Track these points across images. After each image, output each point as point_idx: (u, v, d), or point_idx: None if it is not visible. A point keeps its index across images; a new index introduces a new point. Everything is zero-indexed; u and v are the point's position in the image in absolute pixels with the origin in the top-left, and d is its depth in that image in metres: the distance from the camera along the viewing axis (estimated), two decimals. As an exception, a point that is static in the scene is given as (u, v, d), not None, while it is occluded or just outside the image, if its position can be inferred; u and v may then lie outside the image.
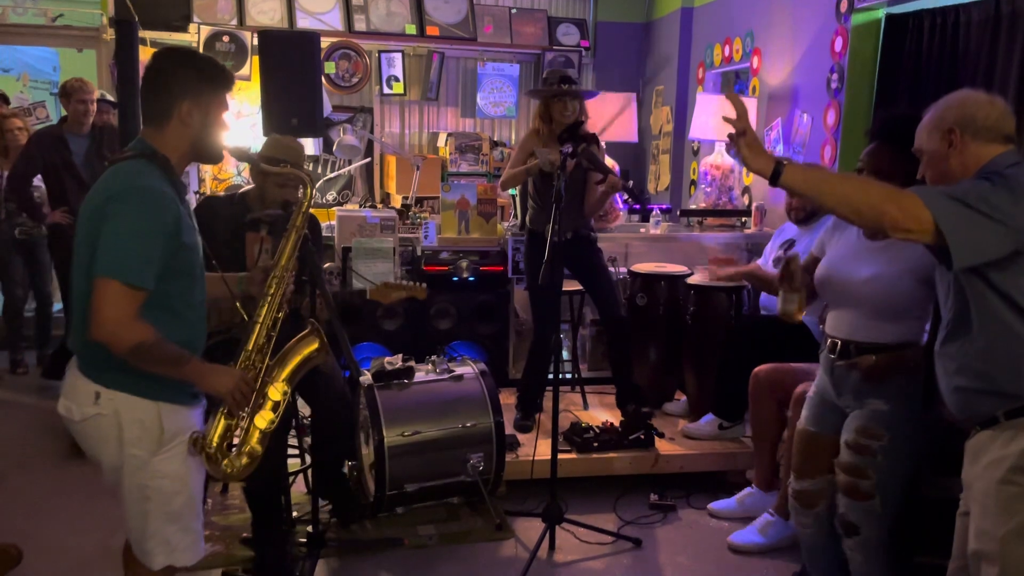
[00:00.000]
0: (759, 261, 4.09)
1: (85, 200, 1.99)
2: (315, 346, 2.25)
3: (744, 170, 5.33)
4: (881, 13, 4.16)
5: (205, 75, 2.02)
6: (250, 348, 2.10)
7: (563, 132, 3.68)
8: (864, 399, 2.40)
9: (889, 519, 2.41)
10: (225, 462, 2.02)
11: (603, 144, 4.23)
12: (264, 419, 2.07)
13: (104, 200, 1.91)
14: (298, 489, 3.55)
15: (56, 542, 3.24)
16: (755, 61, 5.16)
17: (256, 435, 2.07)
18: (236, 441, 2.06)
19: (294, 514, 3.35)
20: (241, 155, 2.40)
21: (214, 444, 2.02)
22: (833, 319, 2.49)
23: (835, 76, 4.35)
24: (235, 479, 2.12)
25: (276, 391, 2.11)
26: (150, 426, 1.97)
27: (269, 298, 2.16)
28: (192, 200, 3.90)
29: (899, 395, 2.36)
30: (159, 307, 1.94)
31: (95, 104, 4.72)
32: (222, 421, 2.04)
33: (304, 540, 3.12)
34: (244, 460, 2.05)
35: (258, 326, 2.12)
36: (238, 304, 2.22)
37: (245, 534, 3.21)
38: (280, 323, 2.18)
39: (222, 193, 3.25)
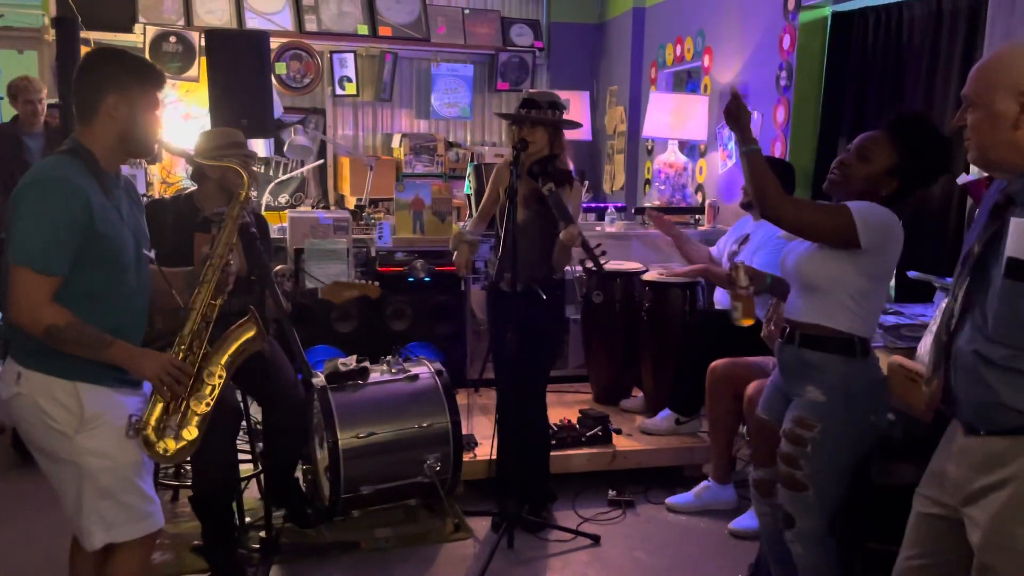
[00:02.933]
0: (713, 250, 4.11)
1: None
2: (252, 333, 2.24)
3: (698, 167, 5.38)
4: (827, 11, 4.23)
5: (130, 69, 2.07)
6: (186, 334, 2.15)
7: (533, 165, 3.25)
8: (802, 387, 2.39)
9: (826, 511, 2.39)
10: (161, 445, 2.09)
11: (584, 183, 3.81)
12: (201, 402, 2.13)
13: (16, 192, 1.99)
14: (251, 494, 3.49)
15: (2, 554, 3.14)
16: (706, 60, 5.21)
17: (194, 419, 2.12)
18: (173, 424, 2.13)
19: (247, 520, 3.29)
20: (179, 152, 2.37)
21: (151, 427, 2.08)
22: (788, 303, 2.52)
23: (784, 73, 4.40)
24: (173, 460, 2.18)
25: (212, 376, 2.16)
26: (68, 405, 2.02)
27: (205, 285, 2.19)
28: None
29: (839, 386, 2.34)
30: (83, 295, 2.01)
31: (43, 103, 4.59)
32: (158, 405, 2.10)
33: (257, 546, 3.06)
34: (181, 444, 2.11)
35: (194, 312, 2.17)
36: (176, 295, 2.25)
37: (196, 542, 3.13)
38: (217, 310, 2.20)
39: (168, 196, 3.19)
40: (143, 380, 2.13)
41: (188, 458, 2.42)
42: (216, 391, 2.16)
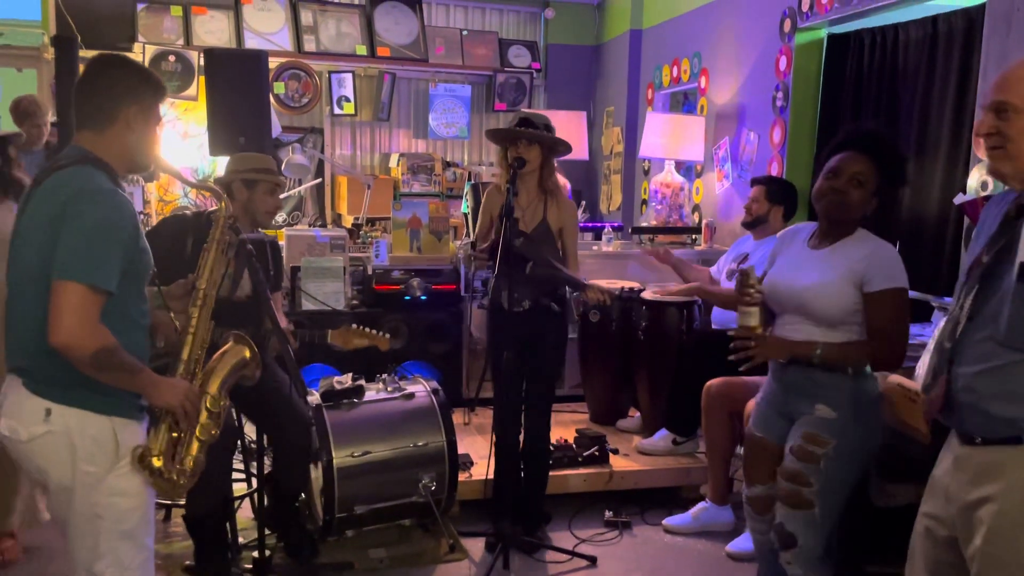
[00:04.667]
0: (712, 269, 4.11)
1: (29, 207, 1.92)
2: (246, 354, 2.18)
3: (695, 188, 5.39)
4: (823, 32, 4.25)
5: (148, 80, 2.01)
6: (186, 359, 2.05)
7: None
8: (811, 405, 2.40)
9: (827, 529, 2.39)
10: (169, 475, 1.97)
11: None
12: (205, 430, 2.03)
13: (62, 203, 1.85)
14: (244, 515, 3.45)
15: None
16: (703, 81, 5.24)
17: (195, 446, 2.02)
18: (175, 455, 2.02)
19: (240, 540, 3.25)
20: (207, 187, 2.36)
21: (160, 457, 1.95)
22: (781, 326, 2.50)
23: (780, 94, 4.42)
24: (178, 493, 2.03)
25: (213, 401, 2.07)
26: (104, 442, 1.91)
27: (198, 310, 2.09)
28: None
29: (847, 403, 2.36)
30: (118, 314, 1.89)
31: (48, 125, 4.60)
32: (166, 434, 1.97)
33: (249, 567, 3.02)
34: (187, 475, 2.00)
35: (190, 337, 2.07)
36: (172, 316, 2.17)
37: (188, 562, 3.09)
38: (211, 332, 2.12)
39: (190, 213, 3.18)
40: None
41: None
42: (221, 417, 2.08)
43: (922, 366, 2.60)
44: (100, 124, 1.97)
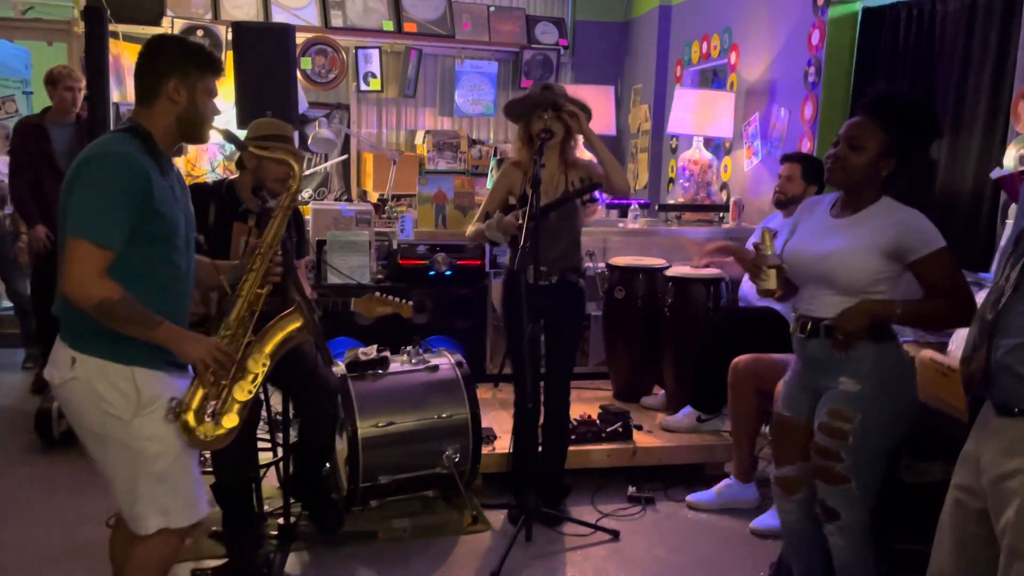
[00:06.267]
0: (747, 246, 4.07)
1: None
2: (298, 324, 2.24)
3: (723, 165, 5.33)
4: (858, 6, 4.17)
5: (191, 56, 2.11)
6: (232, 320, 2.13)
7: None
8: (835, 379, 2.36)
9: (869, 501, 2.37)
10: (201, 430, 2.05)
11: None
12: (243, 390, 2.10)
13: (76, 165, 1.99)
14: (269, 483, 3.48)
15: (19, 537, 3.15)
16: (733, 57, 5.17)
17: (235, 407, 2.09)
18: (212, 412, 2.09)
19: (265, 508, 3.28)
20: (230, 137, 2.35)
21: (191, 411, 2.04)
22: (802, 298, 2.47)
23: (812, 70, 4.35)
24: (211, 447, 2.12)
25: (256, 363, 2.14)
26: (125, 390, 2.01)
27: (253, 273, 2.19)
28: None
29: (870, 374, 2.32)
30: (136, 273, 2.00)
31: (82, 92, 4.60)
32: (199, 390, 2.06)
33: (275, 533, 3.05)
34: (220, 430, 2.07)
35: (240, 299, 2.16)
36: (227, 289, 2.27)
37: (215, 528, 3.13)
38: (263, 298, 2.20)
39: (211, 181, 3.19)
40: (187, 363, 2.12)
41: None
42: (259, 379, 2.15)
43: (954, 341, 2.55)
44: (146, 98, 2.09)
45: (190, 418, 2.04)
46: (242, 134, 5.21)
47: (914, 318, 2.34)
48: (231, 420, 2.08)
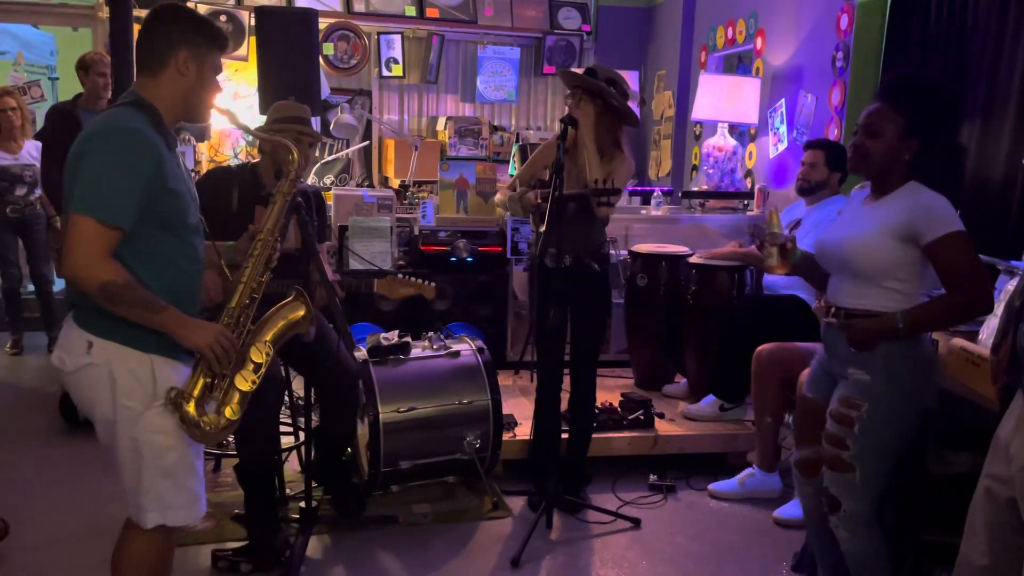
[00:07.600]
0: None
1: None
2: (301, 312, 2.18)
3: (747, 152, 5.27)
4: (888, -10, 4.10)
5: (203, 28, 2.03)
6: (233, 306, 2.05)
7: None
8: (849, 368, 2.34)
9: (872, 493, 2.33)
10: (204, 419, 1.97)
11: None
12: (245, 380, 2.02)
13: (82, 140, 1.90)
14: (291, 467, 3.50)
15: (43, 516, 3.19)
16: (759, 42, 5.10)
17: (236, 396, 2.01)
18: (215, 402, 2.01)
19: (287, 491, 3.30)
20: (233, 119, 2.33)
21: (192, 402, 1.96)
22: (830, 288, 2.45)
23: (840, 55, 4.28)
24: (211, 440, 2.04)
25: (259, 352, 2.06)
26: (143, 378, 1.93)
27: (253, 259, 2.12)
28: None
29: (882, 366, 2.28)
30: (146, 254, 1.92)
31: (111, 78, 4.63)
32: (201, 379, 1.98)
33: (297, 516, 3.06)
34: (222, 422, 1.99)
35: (241, 286, 2.08)
36: (226, 270, 2.19)
37: (237, 511, 3.15)
38: (264, 286, 2.13)
39: (234, 165, 3.18)
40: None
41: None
42: (263, 369, 2.06)
43: (985, 330, 2.51)
44: (153, 68, 1.99)
45: (191, 408, 1.95)
46: (263, 119, 5.23)
47: (923, 326, 2.26)
48: (233, 412, 2.00)
